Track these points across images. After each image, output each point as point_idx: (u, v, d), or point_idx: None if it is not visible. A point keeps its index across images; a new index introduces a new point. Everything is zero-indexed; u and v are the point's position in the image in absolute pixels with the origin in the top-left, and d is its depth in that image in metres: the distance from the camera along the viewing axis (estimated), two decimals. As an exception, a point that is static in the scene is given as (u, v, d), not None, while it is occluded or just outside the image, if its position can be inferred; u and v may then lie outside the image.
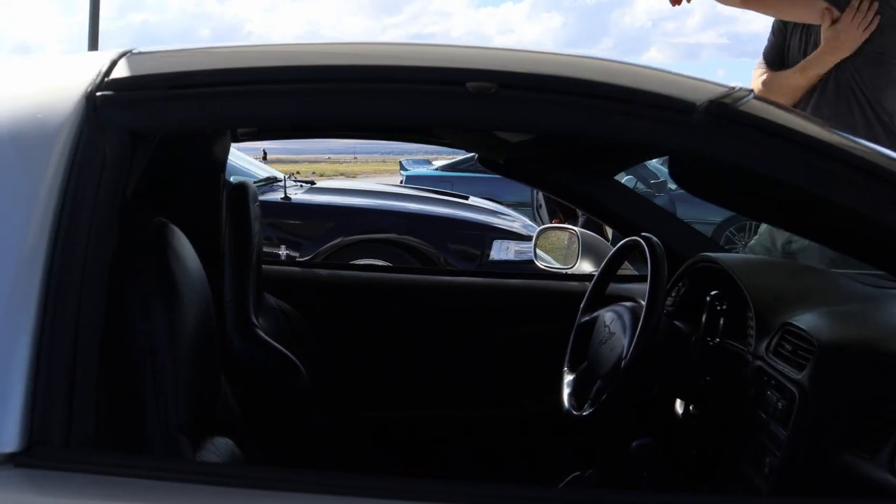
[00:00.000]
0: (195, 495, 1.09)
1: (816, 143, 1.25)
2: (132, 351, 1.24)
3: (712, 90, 1.28)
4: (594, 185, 2.52)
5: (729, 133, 1.24)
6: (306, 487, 1.11)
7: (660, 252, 2.05)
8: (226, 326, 2.00)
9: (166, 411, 1.23)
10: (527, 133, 1.84)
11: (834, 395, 1.59)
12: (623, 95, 1.25)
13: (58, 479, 1.07)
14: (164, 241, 1.33)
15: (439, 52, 1.29)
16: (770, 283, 2.05)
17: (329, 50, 1.30)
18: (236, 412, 1.67)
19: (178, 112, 1.22)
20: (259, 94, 1.22)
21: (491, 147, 2.31)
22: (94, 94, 1.20)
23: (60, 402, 1.09)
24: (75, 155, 1.16)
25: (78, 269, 1.12)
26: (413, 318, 2.69)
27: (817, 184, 1.24)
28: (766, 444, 1.75)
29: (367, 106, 1.24)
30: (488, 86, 1.21)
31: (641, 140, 1.27)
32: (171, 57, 1.31)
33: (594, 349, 2.17)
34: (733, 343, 2.00)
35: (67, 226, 1.13)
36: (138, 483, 1.09)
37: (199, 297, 1.42)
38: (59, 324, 1.10)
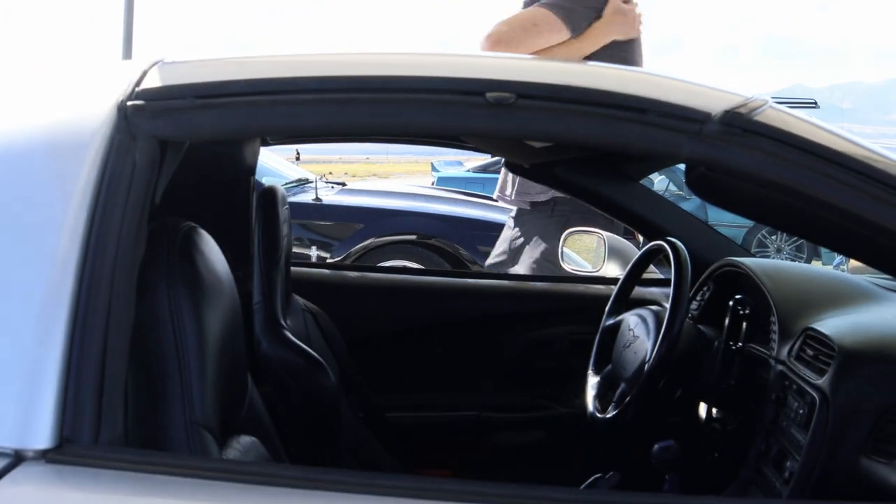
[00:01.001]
0: (220, 492, 1.13)
1: (832, 154, 1.26)
2: (160, 351, 1.27)
3: (728, 99, 1.29)
4: (619, 189, 2.53)
5: (744, 143, 1.25)
6: (330, 486, 1.14)
7: (684, 256, 2.07)
8: (254, 328, 2.03)
9: (193, 410, 1.26)
10: (544, 142, 1.86)
11: (854, 400, 1.59)
12: (638, 105, 1.27)
13: (86, 475, 1.11)
14: (192, 245, 1.36)
15: (461, 62, 1.32)
16: (794, 288, 2.05)
17: (354, 60, 1.33)
18: (263, 413, 1.70)
19: (206, 121, 1.25)
20: (285, 103, 1.26)
21: (516, 151, 2.34)
22: (125, 103, 1.25)
23: (90, 401, 1.13)
24: (107, 162, 1.20)
25: (108, 271, 1.16)
26: (440, 321, 2.71)
27: (833, 193, 1.25)
28: (787, 448, 1.76)
29: (390, 115, 1.27)
30: (507, 96, 1.24)
31: (656, 149, 1.28)
32: (200, 67, 1.34)
33: (618, 352, 2.18)
34: (756, 347, 2.01)
35: (98, 230, 1.17)
36: (164, 480, 1.13)
37: (227, 299, 1.45)
38: (89, 326, 1.14)
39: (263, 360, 1.99)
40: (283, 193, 2.20)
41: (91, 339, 1.14)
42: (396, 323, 2.69)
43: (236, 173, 2.43)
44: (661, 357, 1.95)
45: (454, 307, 2.72)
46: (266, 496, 1.13)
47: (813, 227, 1.36)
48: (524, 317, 2.72)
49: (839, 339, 1.69)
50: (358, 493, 1.14)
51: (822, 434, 1.61)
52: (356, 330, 2.56)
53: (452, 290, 2.76)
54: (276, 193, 2.13)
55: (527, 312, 2.73)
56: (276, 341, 1.98)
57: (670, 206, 2.63)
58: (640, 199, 2.54)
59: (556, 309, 2.74)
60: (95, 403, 1.13)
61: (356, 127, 1.31)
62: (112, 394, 1.14)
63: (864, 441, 1.55)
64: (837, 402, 1.61)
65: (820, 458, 1.60)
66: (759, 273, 2.07)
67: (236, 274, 2.42)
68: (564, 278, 2.94)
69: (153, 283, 1.28)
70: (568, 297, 2.78)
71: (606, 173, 2.52)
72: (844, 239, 1.37)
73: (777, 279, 2.06)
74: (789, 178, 1.25)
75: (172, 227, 1.35)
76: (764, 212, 1.44)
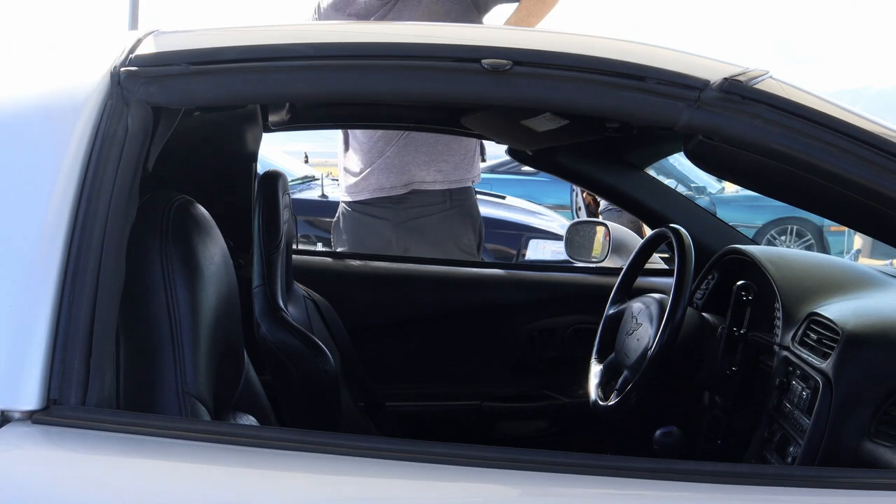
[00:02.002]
0: (209, 454, 1.12)
1: (833, 122, 1.25)
2: (153, 320, 1.27)
3: (726, 69, 1.28)
4: (623, 178, 2.52)
5: (742, 110, 1.24)
6: (321, 448, 1.13)
7: (687, 242, 2.05)
8: (254, 311, 2.02)
9: (185, 380, 1.26)
10: (541, 109, 1.85)
11: (857, 382, 1.58)
12: (636, 72, 1.26)
13: (73, 435, 1.11)
14: (187, 216, 1.36)
15: (457, 31, 1.31)
16: (798, 274, 2.04)
17: (349, 28, 1.32)
18: (260, 394, 1.69)
19: (199, 87, 1.25)
20: (279, 70, 1.25)
21: (518, 137, 2.32)
22: (118, 69, 1.25)
23: (78, 364, 1.12)
24: (99, 127, 1.20)
25: (98, 234, 1.16)
26: (443, 310, 2.70)
27: (833, 161, 1.24)
28: (790, 433, 1.74)
29: (385, 82, 1.26)
30: (503, 62, 1.23)
31: (653, 117, 1.27)
32: (194, 35, 1.34)
33: (622, 340, 2.17)
34: (760, 335, 1.99)
35: (89, 193, 1.17)
36: (152, 441, 1.12)
37: (222, 274, 1.44)
38: (78, 288, 1.14)
39: (263, 344, 1.98)
40: (285, 179, 2.18)
41: (80, 302, 1.14)
42: (399, 312, 2.67)
43: (238, 160, 2.42)
44: (663, 344, 1.94)
45: (457, 296, 2.70)
46: (255, 457, 1.12)
47: (812, 195, 1.35)
48: (527, 306, 2.70)
49: (843, 322, 1.68)
50: (349, 455, 1.13)
51: (825, 417, 1.59)
52: (358, 318, 2.54)
53: (455, 279, 2.74)
54: (276, 178, 2.12)
55: (530, 302, 2.71)
56: (275, 325, 1.97)
57: (674, 195, 2.62)
58: (644, 187, 2.53)
59: (559, 299, 2.72)
60: (83, 366, 1.13)
61: (351, 94, 1.30)
62: (100, 357, 1.14)
63: (867, 424, 1.54)
64: (841, 385, 1.59)
65: (823, 441, 1.59)
66: (764, 260, 2.06)
67: (237, 261, 2.43)
68: (568, 268, 2.93)
69: (147, 252, 1.28)
70: (572, 286, 2.76)
71: (610, 161, 2.51)
72: (844, 207, 1.36)
73: (781, 265, 2.04)
74: (788, 146, 1.24)
75: (167, 198, 1.35)
76: (762, 181, 1.43)
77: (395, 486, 1.13)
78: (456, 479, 1.14)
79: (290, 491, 1.11)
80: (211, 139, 2.22)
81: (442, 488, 1.13)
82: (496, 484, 1.14)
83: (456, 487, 1.14)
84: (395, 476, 1.13)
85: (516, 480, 1.14)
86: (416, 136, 2.92)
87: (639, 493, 1.14)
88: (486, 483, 1.14)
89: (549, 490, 1.14)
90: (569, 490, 1.14)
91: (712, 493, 1.13)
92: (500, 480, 1.14)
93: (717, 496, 1.13)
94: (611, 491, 1.15)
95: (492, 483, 1.14)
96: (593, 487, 1.15)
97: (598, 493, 1.15)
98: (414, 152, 2.93)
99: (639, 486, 1.14)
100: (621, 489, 1.15)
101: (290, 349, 1.96)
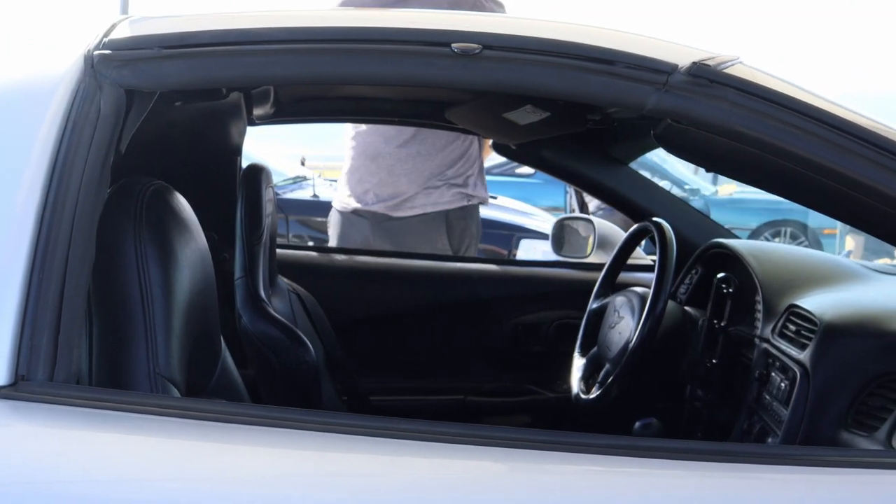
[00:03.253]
0: (178, 430, 1.13)
1: (799, 105, 1.25)
2: (126, 300, 1.28)
3: (696, 53, 1.29)
4: (607, 172, 2.52)
5: (710, 93, 1.25)
6: (292, 424, 1.14)
7: (669, 236, 2.06)
8: (236, 303, 2.02)
9: (157, 362, 1.27)
10: (511, 94, 1.85)
11: (834, 372, 1.59)
12: (605, 56, 1.26)
13: (42, 410, 1.11)
14: (161, 200, 1.37)
15: (427, 16, 1.32)
16: (779, 267, 2.05)
17: (322, 14, 1.33)
18: (238, 382, 1.69)
19: (172, 71, 1.26)
20: (252, 54, 1.26)
21: (501, 130, 2.33)
22: (91, 52, 1.25)
23: (46, 340, 1.13)
24: (71, 109, 1.21)
25: (69, 214, 1.16)
26: (427, 304, 2.70)
27: (800, 145, 1.24)
28: (769, 424, 1.75)
29: (356, 65, 1.27)
30: (473, 47, 1.24)
31: (622, 100, 1.28)
32: (169, 20, 1.34)
33: (604, 333, 2.17)
34: (741, 327, 2.00)
35: (61, 173, 1.17)
36: (121, 416, 1.13)
37: (197, 259, 1.45)
38: (48, 266, 1.14)
39: (244, 335, 1.98)
40: (269, 172, 2.19)
41: (49, 280, 1.14)
42: (383, 306, 2.67)
43: (223, 154, 2.42)
44: (644, 336, 1.95)
45: (441, 291, 2.71)
46: (226, 433, 1.12)
47: (782, 180, 1.35)
48: (511, 301, 2.71)
49: (821, 313, 1.69)
50: (320, 430, 1.14)
51: (802, 407, 1.60)
52: (342, 312, 2.54)
53: (440, 274, 2.74)
54: (260, 171, 2.12)
55: (514, 297, 2.72)
56: (256, 315, 1.97)
57: (658, 190, 2.62)
58: (628, 182, 2.54)
59: (543, 294, 2.72)
60: (51, 342, 1.13)
61: (323, 77, 1.31)
62: (69, 334, 1.14)
63: (844, 414, 1.54)
64: (818, 375, 1.60)
65: (801, 431, 1.59)
66: (745, 253, 2.07)
67: (223, 255, 2.43)
68: (553, 263, 2.93)
69: (121, 233, 1.29)
70: (556, 282, 2.77)
71: (594, 156, 2.51)
72: (814, 192, 1.37)
73: (763, 259, 2.05)
74: (756, 129, 1.25)
75: (143, 183, 1.36)
76: (732, 165, 1.43)
77: (374, 462, 1.13)
78: (441, 455, 1.15)
79: (261, 466, 1.11)
80: (195, 132, 2.22)
81: (425, 465, 1.14)
82: (482, 461, 1.15)
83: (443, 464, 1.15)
84: (373, 452, 1.14)
85: (504, 457, 1.15)
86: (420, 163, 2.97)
87: (625, 469, 1.15)
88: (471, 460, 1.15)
89: (537, 467, 1.15)
90: (557, 467, 1.15)
91: (696, 471, 1.14)
92: (486, 457, 1.15)
93: (699, 473, 1.14)
94: (597, 468, 1.16)
95: (477, 460, 1.15)
96: (581, 465, 1.16)
97: (585, 469, 1.16)
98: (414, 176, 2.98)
99: (626, 464, 1.15)
100: (608, 466, 1.16)
101: (271, 340, 1.97)
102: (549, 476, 1.15)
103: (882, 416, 1.48)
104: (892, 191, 1.24)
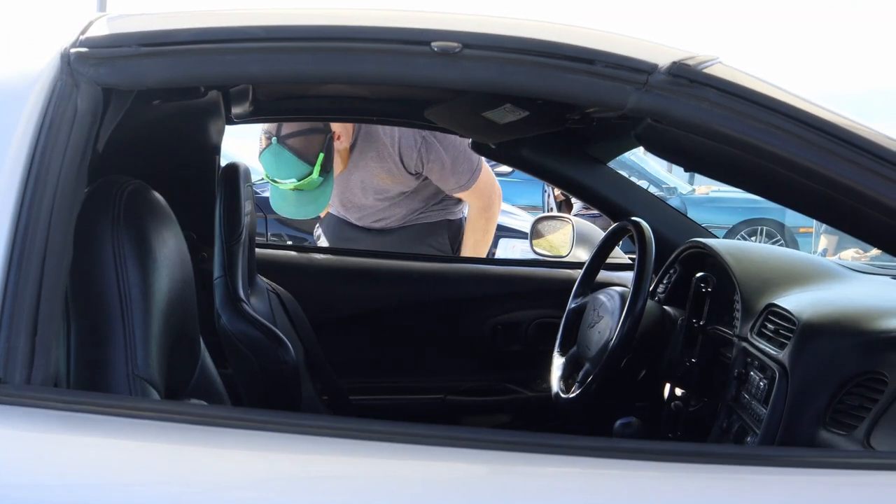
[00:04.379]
0: (156, 433, 1.12)
1: (779, 105, 1.25)
2: (104, 301, 1.26)
3: (676, 53, 1.29)
4: (586, 171, 2.52)
5: (690, 93, 1.25)
6: (271, 426, 1.13)
7: (648, 235, 2.06)
8: (215, 303, 2.00)
9: (135, 363, 1.25)
10: (491, 93, 1.85)
11: (812, 371, 1.59)
12: (585, 55, 1.26)
13: (18, 413, 1.10)
14: (139, 199, 1.36)
15: (407, 14, 1.31)
16: (758, 266, 2.05)
17: (301, 11, 1.32)
18: (217, 383, 1.68)
19: (150, 69, 1.24)
20: (231, 52, 1.25)
21: (481, 129, 2.32)
22: (68, 50, 1.24)
23: (23, 343, 1.12)
24: (48, 107, 1.19)
25: (46, 214, 1.15)
26: (407, 304, 2.69)
27: (780, 145, 1.24)
28: (748, 423, 1.75)
29: (335, 64, 1.26)
30: (453, 45, 1.23)
31: (602, 100, 1.28)
32: (146, 18, 1.33)
33: (583, 333, 2.17)
34: (719, 326, 2.01)
35: (37, 173, 1.16)
36: (99, 419, 1.12)
37: (176, 259, 1.43)
38: (24, 268, 1.13)
39: (223, 335, 1.97)
40: (247, 170, 2.17)
41: (25, 281, 1.13)
42: (362, 306, 2.67)
43: (201, 153, 2.40)
44: (623, 335, 1.95)
45: (420, 290, 2.70)
46: (204, 436, 1.11)
47: (761, 180, 1.35)
48: (490, 300, 2.70)
49: (799, 312, 1.69)
50: (301, 433, 1.13)
51: (781, 406, 1.61)
52: (322, 312, 2.54)
53: (420, 273, 2.74)
54: (238, 169, 2.10)
55: (493, 296, 2.72)
56: (235, 315, 1.96)
57: (636, 189, 2.62)
58: (606, 181, 2.54)
59: (522, 293, 2.72)
60: (28, 345, 1.12)
61: (303, 75, 1.30)
62: (46, 336, 1.13)
63: (822, 413, 1.55)
64: (797, 374, 1.60)
65: (779, 430, 1.60)
66: (724, 253, 2.07)
67: (201, 255, 2.41)
68: (532, 262, 2.93)
69: (98, 234, 1.27)
70: (535, 281, 2.77)
71: (573, 155, 2.51)
72: (794, 193, 1.37)
73: (741, 258, 2.06)
74: (735, 129, 1.24)
75: (120, 182, 1.35)
76: (712, 165, 1.43)
77: (352, 464, 1.13)
78: (421, 458, 1.15)
79: (241, 470, 1.10)
80: (173, 131, 2.20)
81: (404, 467, 1.14)
82: (462, 462, 1.15)
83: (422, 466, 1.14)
84: (351, 454, 1.13)
85: (483, 459, 1.15)
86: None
87: (604, 472, 1.15)
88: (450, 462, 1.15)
89: (514, 469, 1.15)
90: (534, 469, 1.15)
91: (673, 472, 1.14)
92: (465, 459, 1.15)
93: (676, 475, 1.14)
94: (575, 470, 1.16)
95: (456, 462, 1.15)
96: (560, 467, 1.16)
97: (561, 472, 1.16)
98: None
99: (605, 466, 1.15)
100: (586, 468, 1.15)
101: (251, 340, 1.95)
102: (528, 479, 1.14)
103: (860, 414, 1.48)
104: (870, 191, 1.25)
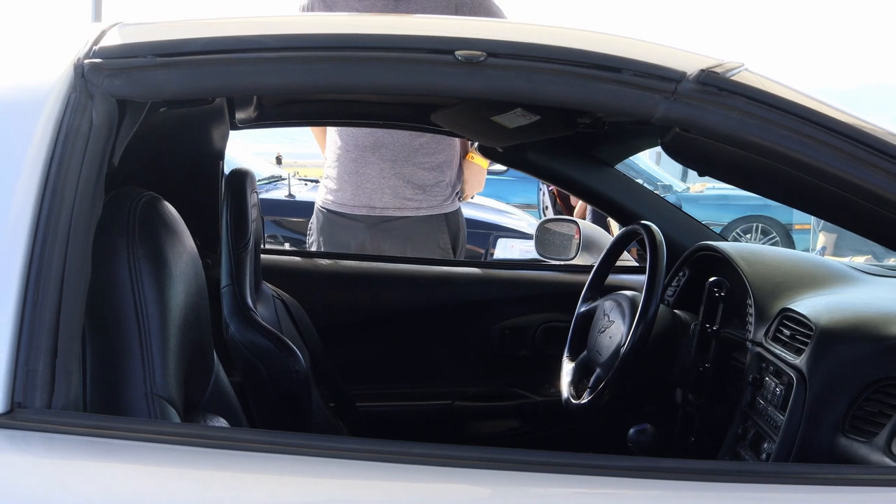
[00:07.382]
0: (178, 457, 1.09)
1: (810, 114, 1.24)
2: (120, 320, 1.23)
3: (703, 60, 1.27)
4: (594, 174, 2.51)
5: (719, 102, 1.23)
6: (293, 449, 1.11)
7: (659, 238, 2.04)
8: (223, 311, 1.98)
9: (154, 382, 1.22)
10: (515, 102, 1.83)
11: (831, 378, 1.58)
12: (612, 64, 1.24)
13: (39, 440, 1.08)
14: (154, 213, 1.33)
15: (430, 22, 1.29)
16: (770, 270, 2.04)
17: (319, 20, 1.30)
18: (231, 395, 1.66)
19: (166, 80, 1.22)
20: (247, 62, 1.22)
21: (489, 133, 2.30)
22: (82, 62, 1.21)
23: (43, 366, 1.09)
24: (62, 120, 1.16)
25: (63, 232, 1.12)
26: (413, 309, 2.67)
27: (811, 154, 1.23)
28: (764, 429, 1.74)
29: (356, 74, 1.24)
30: (477, 54, 1.21)
31: (629, 109, 1.25)
32: (160, 27, 1.30)
33: (594, 338, 2.16)
34: (732, 332, 1.99)
35: (53, 189, 1.13)
36: (120, 444, 1.09)
37: (191, 273, 1.41)
38: (43, 288, 1.10)
39: (232, 344, 1.95)
40: (253, 176, 2.15)
41: (44, 303, 1.10)
42: (369, 311, 2.65)
43: (205, 158, 2.38)
44: (636, 340, 1.93)
45: (427, 295, 2.68)
46: (226, 460, 1.09)
47: (789, 188, 1.34)
48: (497, 305, 2.68)
49: (816, 318, 1.68)
50: (321, 456, 1.11)
51: (799, 413, 1.59)
52: (328, 318, 2.51)
53: (426, 277, 2.72)
54: (244, 176, 2.08)
55: (500, 300, 2.70)
56: (244, 325, 1.94)
57: (644, 192, 2.61)
58: (614, 184, 2.52)
59: (530, 297, 2.71)
60: (48, 368, 1.09)
61: (321, 86, 1.28)
62: (66, 358, 1.10)
63: (841, 419, 1.54)
64: (815, 380, 1.59)
65: (798, 437, 1.59)
66: (735, 256, 2.06)
67: (205, 261, 2.39)
68: (539, 266, 2.92)
69: (114, 250, 1.24)
70: (542, 285, 2.75)
71: (580, 158, 2.50)
72: (822, 201, 1.36)
73: (753, 262, 2.04)
74: (766, 138, 1.23)
75: (134, 195, 1.32)
76: (740, 174, 1.42)
77: (370, 487, 1.11)
78: (430, 479, 1.12)
79: (262, 493, 1.08)
80: (177, 136, 2.18)
81: (416, 490, 1.11)
82: (469, 484, 1.13)
83: (430, 488, 1.12)
84: (368, 478, 1.11)
85: (489, 480, 1.13)
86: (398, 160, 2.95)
87: (616, 491, 1.13)
88: (460, 483, 1.13)
89: (522, 490, 1.13)
90: (543, 490, 1.13)
91: (692, 492, 1.12)
92: (473, 480, 1.13)
93: (696, 494, 1.12)
94: (586, 490, 1.14)
95: (465, 483, 1.13)
96: (568, 487, 1.14)
97: (572, 492, 1.14)
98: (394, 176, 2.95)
99: (616, 485, 1.13)
100: (597, 488, 1.13)
101: (260, 349, 1.93)
102: (536, 499, 1.13)
103: (880, 421, 1.47)
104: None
